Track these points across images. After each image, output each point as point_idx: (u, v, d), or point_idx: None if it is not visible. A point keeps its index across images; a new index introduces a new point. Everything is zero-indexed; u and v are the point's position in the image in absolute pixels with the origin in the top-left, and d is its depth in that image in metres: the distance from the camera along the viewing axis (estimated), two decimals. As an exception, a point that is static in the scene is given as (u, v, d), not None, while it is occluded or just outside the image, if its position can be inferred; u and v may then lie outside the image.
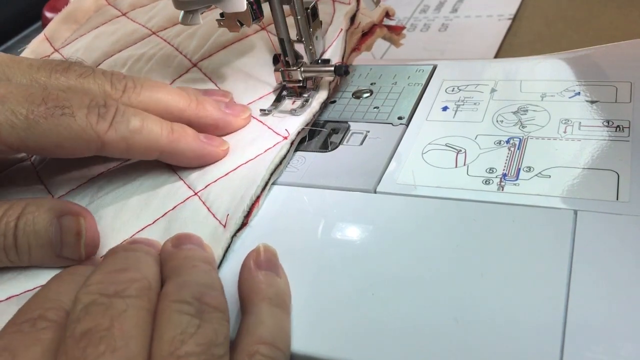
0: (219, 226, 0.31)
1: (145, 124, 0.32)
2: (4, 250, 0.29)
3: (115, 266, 0.25)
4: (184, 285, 0.25)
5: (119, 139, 0.31)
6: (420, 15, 0.58)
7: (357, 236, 0.29)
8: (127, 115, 0.32)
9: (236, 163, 0.34)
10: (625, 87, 0.34)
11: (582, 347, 0.22)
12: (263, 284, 0.26)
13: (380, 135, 0.35)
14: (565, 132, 0.32)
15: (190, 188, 0.34)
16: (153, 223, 0.32)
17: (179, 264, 0.27)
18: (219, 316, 0.24)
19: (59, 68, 0.34)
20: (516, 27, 0.52)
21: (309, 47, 0.38)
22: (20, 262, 0.30)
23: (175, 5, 0.35)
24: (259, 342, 0.24)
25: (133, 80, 0.35)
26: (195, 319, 0.23)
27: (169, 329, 0.23)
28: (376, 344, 0.24)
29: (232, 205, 0.32)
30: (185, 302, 0.24)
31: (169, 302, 0.24)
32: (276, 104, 0.38)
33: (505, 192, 0.29)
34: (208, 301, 0.24)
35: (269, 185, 0.33)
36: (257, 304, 0.26)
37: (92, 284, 0.24)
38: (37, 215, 0.30)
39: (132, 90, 0.34)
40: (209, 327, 0.23)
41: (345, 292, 0.27)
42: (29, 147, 0.30)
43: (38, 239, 0.30)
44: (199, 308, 0.24)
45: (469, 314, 0.24)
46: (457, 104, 0.36)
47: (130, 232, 0.32)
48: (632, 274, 0.24)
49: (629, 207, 0.27)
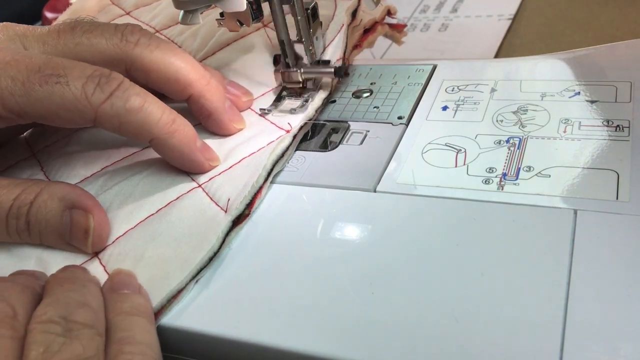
0: (220, 211, 0.31)
1: (146, 105, 0.31)
2: (17, 233, 0.31)
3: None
4: (50, 305, 0.25)
5: (113, 114, 0.31)
6: (420, 15, 0.58)
7: (356, 235, 0.29)
8: (129, 92, 0.31)
9: (239, 156, 0.35)
10: (625, 87, 0.34)
11: (582, 346, 0.22)
12: (117, 302, 0.27)
13: (380, 135, 0.35)
14: (565, 132, 0.32)
15: (194, 180, 0.34)
16: (156, 213, 0.33)
17: (52, 285, 0.27)
18: (89, 332, 0.24)
19: (66, 27, 0.34)
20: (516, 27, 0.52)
21: (309, 48, 0.38)
22: (33, 243, 0.32)
23: (175, 5, 0.35)
24: (119, 343, 0.24)
25: (149, 37, 0.34)
26: (60, 337, 0.23)
27: (33, 349, 0.23)
28: (376, 344, 0.24)
29: (233, 193, 0.32)
30: (51, 321, 0.24)
31: (35, 324, 0.24)
32: (276, 103, 0.38)
33: (505, 191, 0.29)
34: (76, 319, 0.24)
35: (272, 175, 0.33)
36: (113, 318, 0.26)
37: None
38: (50, 204, 0.31)
39: (145, 46, 0.34)
40: (77, 342, 0.23)
41: (345, 291, 0.27)
42: (27, 114, 0.31)
43: (48, 227, 0.31)
44: (66, 327, 0.24)
45: (469, 313, 0.24)
46: (457, 104, 0.36)
47: (134, 222, 0.33)
48: (632, 273, 0.24)
49: (629, 206, 0.27)
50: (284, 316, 0.27)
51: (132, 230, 0.32)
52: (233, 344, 0.26)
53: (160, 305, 0.28)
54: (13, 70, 0.30)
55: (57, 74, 0.30)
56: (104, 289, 0.28)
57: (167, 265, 0.30)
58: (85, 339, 0.24)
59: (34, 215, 0.31)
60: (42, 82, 0.30)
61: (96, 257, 0.31)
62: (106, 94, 0.30)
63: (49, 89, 0.30)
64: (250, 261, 0.30)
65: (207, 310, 0.28)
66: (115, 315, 0.26)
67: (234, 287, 0.29)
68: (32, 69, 0.30)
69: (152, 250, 0.31)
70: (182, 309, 0.28)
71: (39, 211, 0.31)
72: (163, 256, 0.30)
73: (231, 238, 0.31)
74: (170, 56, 0.34)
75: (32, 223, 0.31)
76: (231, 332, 0.26)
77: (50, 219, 0.31)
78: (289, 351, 0.25)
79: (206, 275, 0.29)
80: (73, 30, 0.34)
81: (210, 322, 0.27)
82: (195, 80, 0.35)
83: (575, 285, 0.24)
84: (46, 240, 0.32)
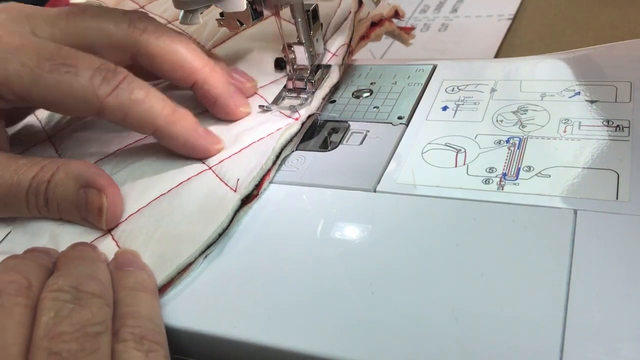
0: (230, 191, 0.32)
1: (149, 98, 0.32)
2: (36, 208, 0.33)
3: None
4: (61, 276, 0.26)
5: (118, 105, 0.32)
6: (420, 15, 0.58)
7: (356, 235, 0.29)
8: (133, 85, 0.32)
9: (249, 141, 0.36)
10: (625, 87, 0.34)
11: (582, 347, 0.22)
12: (122, 278, 0.28)
13: (380, 135, 0.35)
14: (565, 132, 0.32)
15: (205, 163, 0.35)
16: (167, 192, 0.34)
17: (64, 261, 0.28)
18: (97, 301, 0.25)
19: (76, 10, 0.35)
20: (516, 27, 0.52)
21: (309, 50, 0.38)
22: (53, 217, 0.34)
23: (175, 5, 0.35)
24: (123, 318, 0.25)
25: (156, 25, 0.35)
26: (69, 304, 0.24)
27: (44, 314, 0.24)
28: (376, 343, 0.24)
29: (243, 174, 0.33)
30: (61, 290, 0.25)
31: (46, 293, 0.25)
32: (276, 101, 0.38)
33: (505, 191, 0.29)
34: (85, 289, 0.25)
35: (280, 159, 0.34)
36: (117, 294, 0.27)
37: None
38: (66, 182, 0.32)
39: (152, 33, 0.34)
40: (86, 309, 0.24)
41: (345, 291, 0.27)
42: (33, 99, 0.32)
43: (65, 203, 0.33)
44: (75, 295, 0.25)
45: (469, 313, 0.24)
46: (457, 104, 0.36)
47: (146, 200, 0.34)
48: (632, 273, 0.24)
49: (629, 206, 0.27)
50: (283, 316, 0.27)
51: (144, 208, 0.33)
52: (233, 343, 0.26)
53: (169, 279, 0.29)
54: (22, 55, 0.31)
55: (67, 63, 0.31)
56: (109, 266, 0.29)
57: (177, 241, 0.31)
58: (95, 306, 0.25)
59: (52, 193, 0.32)
60: (52, 70, 0.31)
61: (109, 233, 0.33)
62: (112, 85, 0.32)
63: (58, 77, 0.31)
64: (250, 261, 0.30)
65: (207, 310, 0.28)
66: (120, 291, 0.27)
67: (234, 287, 0.29)
68: (43, 56, 0.31)
69: (163, 227, 0.32)
70: (182, 309, 0.28)
71: (55, 189, 0.32)
72: (174, 233, 0.31)
73: (240, 216, 0.31)
74: (176, 44, 0.35)
75: (50, 200, 0.32)
76: (231, 332, 0.26)
77: (67, 197, 0.32)
78: (289, 351, 0.25)
79: (206, 275, 0.29)
80: (83, 14, 0.34)
81: (210, 322, 0.27)
82: (199, 67, 0.35)
83: (575, 285, 0.24)
84: (65, 215, 0.33)
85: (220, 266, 0.30)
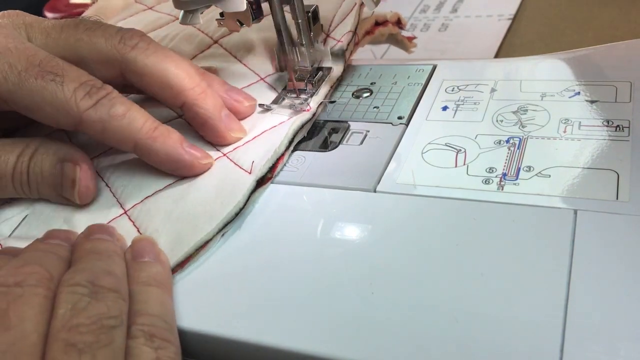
0: (245, 174, 0.33)
1: (130, 113, 0.33)
2: (20, 186, 0.34)
3: (19, 263, 0.26)
4: (78, 271, 0.26)
5: (97, 119, 0.32)
6: (420, 15, 0.58)
7: (356, 235, 0.29)
8: (115, 101, 0.32)
9: (261, 129, 0.36)
10: (625, 87, 0.34)
11: (582, 346, 0.22)
12: (136, 271, 0.28)
13: (380, 135, 0.35)
14: (565, 132, 0.32)
15: (220, 151, 0.35)
16: (183, 177, 0.34)
17: (80, 255, 0.28)
18: (113, 295, 0.25)
19: (71, 23, 0.35)
20: (516, 27, 0.52)
21: (310, 51, 0.38)
22: (32, 196, 0.35)
23: (175, 5, 0.35)
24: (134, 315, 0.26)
25: (147, 42, 0.35)
26: (86, 297, 0.25)
27: (61, 307, 0.24)
28: (376, 344, 0.24)
29: (257, 157, 0.33)
30: (78, 284, 0.25)
31: (63, 287, 0.25)
32: (277, 101, 0.38)
33: (505, 191, 0.29)
34: (102, 284, 0.26)
35: (294, 143, 0.35)
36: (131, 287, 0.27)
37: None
38: (45, 158, 0.34)
39: (141, 50, 0.34)
40: (102, 303, 0.25)
41: (345, 291, 0.27)
42: (16, 103, 0.32)
43: (43, 179, 0.34)
44: (92, 289, 0.25)
45: (469, 313, 0.24)
46: (457, 104, 0.36)
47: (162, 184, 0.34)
48: (632, 273, 0.24)
49: (629, 206, 0.27)
50: (283, 316, 0.27)
51: (161, 191, 0.34)
52: (233, 343, 0.26)
53: (187, 255, 0.30)
54: (13, 57, 0.32)
55: (55, 72, 0.32)
56: (126, 256, 0.29)
57: (195, 220, 0.31)
58: (110, 300, 0.25)
59: (32, 168, 0.33)
60: (39, 76, 0.31)
61: (125, 214, 0.33)
62: (93, 100, 0.32)
63: (43, 83, 0.31)
64: (250, 261, 0.30)
65: (207, 310, 0.28)
66: (133, 285, 0.27)
67: (233, 287, 0.29)
68: (33, 61, 0.32)
69: (180, 207, 0.32)
70: (182, 309, 0.28)
71: (36, 164, 0.33)
72: (191, 212, 0.32)
73: (255, 197, 0.32)
74: (166, 62, 0.34)
75: (30, 175, 0.33)
76: (231, 332, 0.26)
77: (45, 171, 0.33)
78: (289, 351, 0.25)
79: (206, 275, 0.29)
80: (76, 27, 0.35)
81: (210, 322, 0.27)
82: (188, 87, 0.34)
83: (575, 285, 0.24)
84: (42, 192, 0.34)
85: (220, 266, 0.30)
